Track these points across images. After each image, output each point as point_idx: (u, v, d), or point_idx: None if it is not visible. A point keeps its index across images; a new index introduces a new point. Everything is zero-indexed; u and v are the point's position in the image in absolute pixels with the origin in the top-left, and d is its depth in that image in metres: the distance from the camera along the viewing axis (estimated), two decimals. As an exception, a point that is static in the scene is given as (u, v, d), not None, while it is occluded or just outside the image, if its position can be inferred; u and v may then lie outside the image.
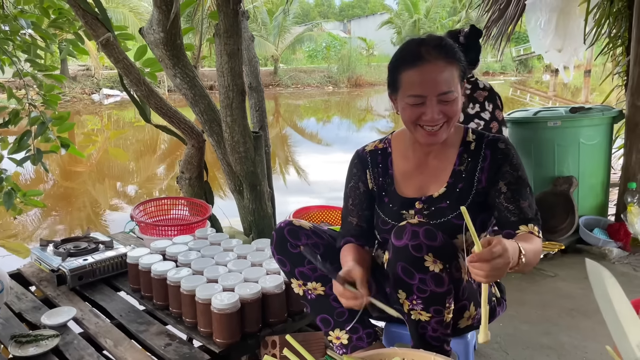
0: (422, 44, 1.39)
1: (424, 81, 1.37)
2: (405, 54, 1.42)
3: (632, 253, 2.85)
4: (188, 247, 2.20)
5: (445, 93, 1.36)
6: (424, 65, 1.36)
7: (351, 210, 1.64)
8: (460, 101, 1.42)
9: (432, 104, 1.37)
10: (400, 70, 1.41)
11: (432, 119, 1.38)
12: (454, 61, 1.38)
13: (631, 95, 2.98)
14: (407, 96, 1.40)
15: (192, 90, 2.75)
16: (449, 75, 1.37)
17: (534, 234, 1.43)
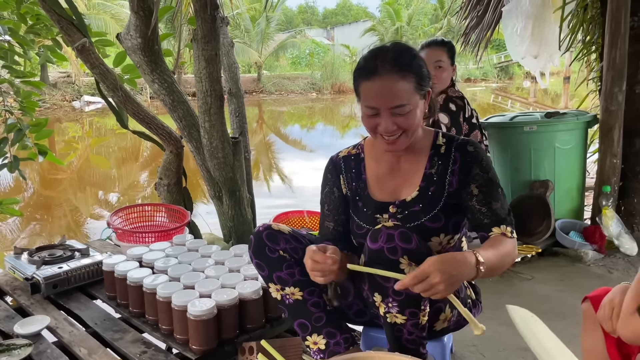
0: (379, 55, 1.41)
1: (377, 94, 1.39)
2: (363, 66, 1.44)
3: (607, 255, 2.89)
4: (165, 254, 2.19)
5: (398, 107, 1.38)
6: (378, 78, 1.39)
7: (327, 215, 1.65)
8: (418, 112, 1.44)
9: (386, 116, 1.40)
10: (358, 81, 1.45)
11: (386, 130, 1.41)
12: (408, 74, 1.39)
13: (604, 100, 3.04)
14: (365, 106, 1.43)
15: (171, 96, 2.75)
16: (403, 89, 1.38)
17: (507, 235, 1.45)
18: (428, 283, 1.21)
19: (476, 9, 4.32)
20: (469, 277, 1.28)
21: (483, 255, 1.30)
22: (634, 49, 3.06)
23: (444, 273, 1.21)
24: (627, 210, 3.11)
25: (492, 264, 1.32)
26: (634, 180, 3.08)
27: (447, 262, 1.23)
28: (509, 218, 1.49)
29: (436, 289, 1.21)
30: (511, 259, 1.45)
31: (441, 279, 1.20)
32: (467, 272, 1.26)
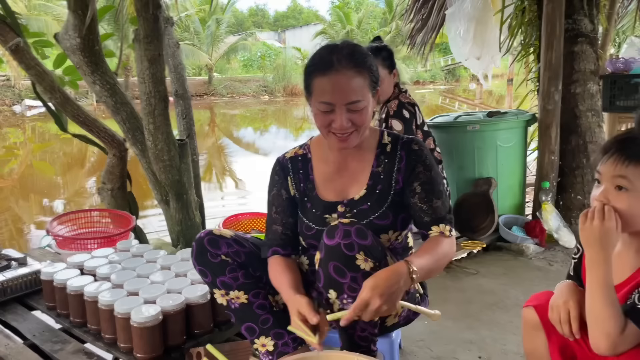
0: (334, 51, 1.41)
1: (333, 89, 1.39)
2: (318, 61, 1.44)
3: (547, 248, 3.01)
4: (108, 260, 2.11)
5: (353, 102, 1.39)
6: (334, 73, 1.38)
7: (275, 218, 1.63)
8: (370, 109, 1.45)
9: (341, 112, 1.40)
10: (312, 76, 1.44)
11: (340, 127, 1.41)
12: (364, 70, 1.41)
13: (542, 100, 3.16)
14: (318, 102, 1.42)
15: (113, 98, 2.67)
16: (358, 85, 1.39)
17: (445, 234, 1.50)
18: (371, 311, 1.24)
19: (421, 12, 4.41)
20: (406, 288, 1.31)
21: (416, 263, 1.34)
22: (568, 51, 3.21)
23: (382, 295, 1.24)
24: (565, 204, 3.25)
25: (426, 269, 1.37)
26: (571, 176, 3.22)
27: (382, 284, 1.26)
28: (448, 216, 1.53)
29: (381, 311, 1.25)
30: (448, 259, 1.50)
31: (382, 301, 1.24)
32: (403, 284, 1.30)
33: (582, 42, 3.22)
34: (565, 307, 1.20)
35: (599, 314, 1.08)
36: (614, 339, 1.05)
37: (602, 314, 1.07)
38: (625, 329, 1.05)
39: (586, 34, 3.23)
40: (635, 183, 1.10)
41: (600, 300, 1.08)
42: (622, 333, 1.05)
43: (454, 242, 1.52)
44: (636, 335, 1.05)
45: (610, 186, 1.13)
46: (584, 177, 3.20)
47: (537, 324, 1.30)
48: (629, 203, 1.11)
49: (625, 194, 1.11)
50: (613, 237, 1.11)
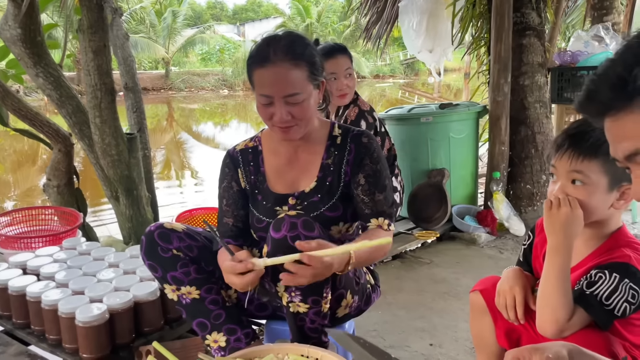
0: (272, 43, 1.40)
1: (270, 82, 1.39)
2: (256, 53, 1.42)
3: (498, 237, 3.09)
4: (53, 259, 2.04)
5: (291, 95, 1.38)
6: (271, 66, 1.38)
7: (226, 211, 1.61)
8: (312, 102, 1.44)
9: (280, 105, 1.40)
10: (252, 69, 1.43)
11: (280, 120, 1.41)
12: (301, 63, 1.39)
13: (492, 92, 3.24)
14: (259, 95, 1.42)
15: (58, 91, 2.57)
16: (296, 77, 1.38)
17: (383, 227, 1.52)
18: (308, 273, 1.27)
19: (376, 5, 4.44)
20: (337, 270, 1.36)
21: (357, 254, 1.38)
22: (517, 43, 3.29)
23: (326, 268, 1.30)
24: (515, 194, 3.34)
25: (362, 259, 1.42)
26: (521, 166, 3.31)
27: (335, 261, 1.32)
28: (389, 210, 1.56)
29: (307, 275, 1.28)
30: (383, 252, 1.54)
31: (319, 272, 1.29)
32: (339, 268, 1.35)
33: (530, 35, 3.31)
34: (511, 293, 1.23)
35: (551, 300, 1.10)
36: (562, 324, 1.08)
37: (555, 301, 1.09)
38: (574, 315, 1.08)
39: (534, 27, 3.31)
40: (590, 177, 1.14)
41: (555, 287, 1.10)
42: (570, 319, 1.08)
43: (390, 236, 1.55)
44: (582, 320, 1.09)
45: (566, 181, 1.17)
46: (533, 166, 3.29)
47: (484, 308, 1.33)
48: (585, 196, 1.14)
49: (582, 188, 1.15)
50: (578, 226, 1.14)
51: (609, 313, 1.08)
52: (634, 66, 0.69)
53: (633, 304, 1.08)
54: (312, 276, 1.28)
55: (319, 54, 1.48)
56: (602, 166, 1.12)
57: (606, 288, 1.08)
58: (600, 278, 1.09)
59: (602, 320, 1.09)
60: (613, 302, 1.07)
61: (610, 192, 1.14)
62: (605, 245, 1.18)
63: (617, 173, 1.12)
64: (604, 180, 1.13)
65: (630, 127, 0.73)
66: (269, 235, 1.39)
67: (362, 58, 27.55)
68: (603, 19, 4.56)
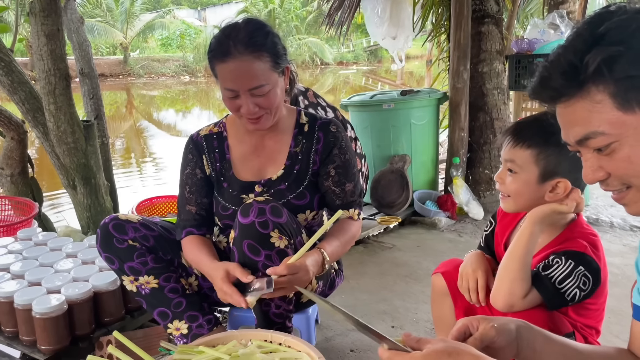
0: (231, 36, 1.37)
1: (233, 77, 1.38)
2: (216, 47, 1.41)
3: (458, 221, 3.16)
4: (7, 250, 1.99)
5: (256, 87, 1.38)
6: (232, 60, 1.36)
7: (189, 198, 1.59)
8: (278, 90, 1.43)
9: (246, 98, 1.39)
10: (213, 63, 1.41)
11: (248, 112, 1.41)
12: (263, 54, 1.38)
13: (452, 79, 3.29)
14: (224, 89, 1.41)
15: (9, 77, 2.47)
16: (259, 69, 1.37)
17: (353, 217, 1.57)
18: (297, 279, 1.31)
19: (338, -10, 4.42)
20: (316, 273, 1.40)
21: (328, 250, 1.43)
22: (476, 31, 3.34)
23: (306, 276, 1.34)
24: (474, 179, 3.42)
25: (335, 255, 1.47)
26: (479, 152, 3.39)
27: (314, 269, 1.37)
28: (358, 200, 1.60)
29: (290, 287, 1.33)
30: (354, 241, 1.59)
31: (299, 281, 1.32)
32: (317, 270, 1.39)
33: (488, 22, 3.36)
34: (474, 276, 1.27)
35: (511, 274, 1.14)
36: (516, 298, 1.12)
37: (514, 274, 1.14)
38: (529, 295, 1.13)
39: (492, 14, 3.37)
40: (521, 166, 1.19)
41: (518, 263, 1.14)
42: (524, 297, 1.13)
43: (360, 226, 1.61)
44: (534, 299, 1.13)
45: (504, 169, 1.23)
46: (491, 152, 3.37)
47: (445, 290, 1.37)
48: (514, 184, 1.21)
49: (513, 176, 1.21)
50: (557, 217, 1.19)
51: (560, 296, 1.13)
52: (584, 53, 0.72)
53: (584, 290, 1.13)
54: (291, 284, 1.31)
55: (280, 39, 1.47)
56: (534, 157, 1.17)
57: (561, 272, 1.13)
58: (556, 263, 1.14)
59: (551, 302, 1.14)
60: (565, 287, 1.12)
61: (541, 183, 1.19)
62: (562, 235, 1.22)
63: (550, 166, 1.17)
64: (534, 170, 1.18)
65: (580, 113, 0.75)
66: (237, 221, 1.38)
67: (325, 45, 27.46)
68: (559, 7, 4.67)
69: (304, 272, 1.32)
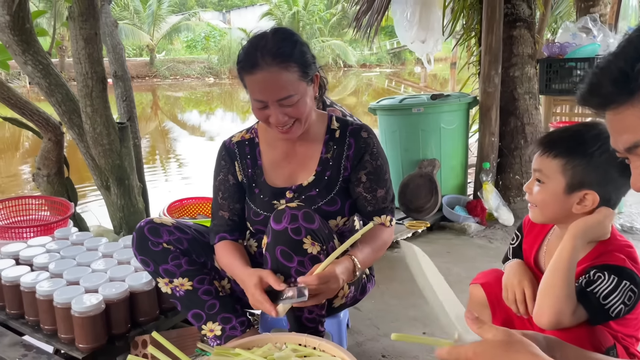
0: (259, 47, 1.38)
1: (261, 88, 1.38)
2: (244, 59, 1.42)
3: (487, 227, 3.13)
4: (46, 249, 2.03)
5: (284, 98, 1.38)
6: (260, 72, 1.37)
7: (222, 204, 1.62)
8: (308, 99, 1.44)
9: (274, 108, 1.40)
10: (242, 74, 1.43)
11: (277, 122, 1.42)
12: (291, 64, 1.38)
13: (483, 83, 3.26)
14: (252, 99, 1.42)
15: (47, 79, 2.52)
16: (287, 80, 1.37)
17: (385, 224, 1.56)
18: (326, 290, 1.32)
19: (366, -6, 4.41)
20: (347, 281, 1.39)
21: (360, 258, 1.42)
22: (507, 35, 3.31)
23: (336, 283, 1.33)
24: (505, 184, 3.38)
25: (367, 262, 1.46)
26: (510, 157, 3.35)
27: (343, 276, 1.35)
28: (390, 206, 1.59)
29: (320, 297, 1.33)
30: (386, 248, 1.58)
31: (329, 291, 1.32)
32: (347, 278, 1.39)
33: (520, 26, 3.33)
34: (520, 287, 1.24)
35: (557, 291, 1.10)
36: (563, 316, 1.08)
37: (560, 292, 1.09)
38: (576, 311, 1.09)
39: (524, 18, 3.33)
40: (549, 175, 1.17)
41: (562, 279, 1.09)
42: (573, 314, 1.08)
43: (392, 231, 1.61)
44: (580, 317, 1.10)
45: (533, 178, 1.22)
46: (522, 157, 3.33)
47: (484, 301, 1.35)
48: (541, 194, 1.19)
49: (541, 186, 1.19)
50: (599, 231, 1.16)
51: (604, 312, 1.09)
52: (636, 61, 0.71)
53: (628, 305, 1.09)
54: (323, 295, 1.32)
55: (308, 48, 1.48)
56: (561, 167, 1.15)
57: (605, 288, 1.09)
58: (599, 278, 1.11)
59: (595, 318, 1.10)
60: (610, 302, 1.09)
61: (568, 194, 1.16)
62: (597, 248, 1.19)
63: (577, 177, 1.14)
64: (561, 181, 1.16)
65: (631, 120, 0.74)
66: (270, 227, 1.39)
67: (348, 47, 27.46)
68: (590, 10, 4.60)
69: (334, 281, 1.32)
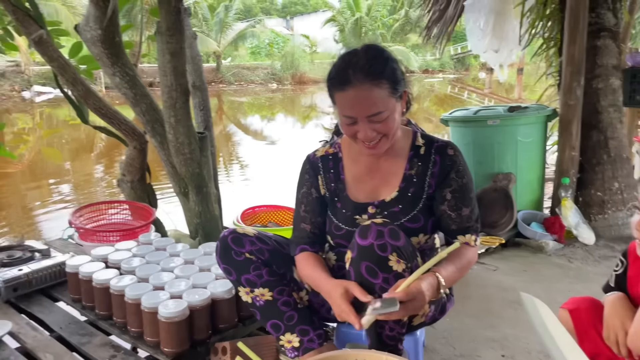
0: (351, 64, 1.39)
1: (352, 105, 1.39)
2: (335, 76, 1.43)
3: (566, 245, 3.00)
4: (132, 254, 2.12)
5: (374, 114, 1.38)
6: (351, 89, 1.37)
7: (304, 217, 1.63)
8: (396, 115, 1.43)
9: (364, 124, 1.40)
10: (332, 91, 1.44)
11: (365, 137, 1.42)
12: (382, 80, 1.38)
13: (564, 95, 3.13)
14: (342, 115, 1.43)
15: (133, 90, 2.66)
16: (378, 96, 1.37)
17: (470, 244, 1.52)
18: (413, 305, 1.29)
19: (438, 3, 4.36)
20: (431, 298, 1.36)
21: (444, 275, 1.39)
22: (591, 45, 3.16)
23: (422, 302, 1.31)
24: (585, 201, 3.23)
25: (451, 281, 1.43)
26: (591, 172, 3.20)
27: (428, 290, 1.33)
28: (475, 225, 1.55)
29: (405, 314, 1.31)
30: (470, 267, 1.54)
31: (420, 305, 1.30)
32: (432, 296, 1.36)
33: (605, 36, 3.18)
34: (623, 330, 1.20)
35: None
36: None
37: None
38: None
39: (609, 28, 3.18)
40: None
41: None
42: None
43: (477, 251, 1.57)
44: None
45: None
46: (604, 173, 3.17)
47: (571, 329, 1.30)
48: None
49: None
50: None
51: None
52: None
53: None
54: (407, 310, 1.29)
55: (398, 64, 1.47)
56: None
57: None
58: None
59: None
60: None
61: None
62: None
63: None
64: None
65: None
66: (355, 242, 1.39)
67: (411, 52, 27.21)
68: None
69: (421, 298, 1.30)
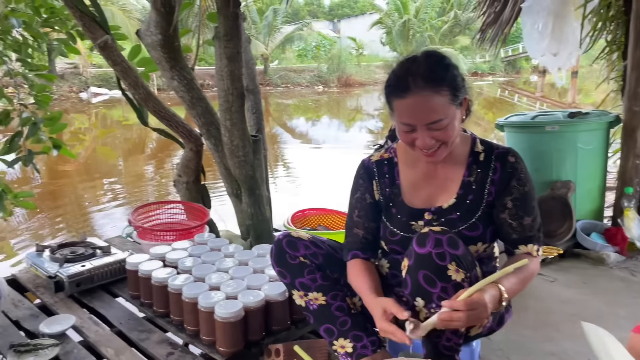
0: (410, 71, 1.37)
1: (411, 112, 1.37)
2: (393, 83, 1.41)
3: (629, 258, 2.86)
4: (188, 253, 2.18)
5: (434, 122, 1.36)
6: (411, 96, 1.35)
7: (357, 222, 1.63)
8: (456, 122, 1.40)
9: (422, 132, 1.38)
10: (391, 98, 1.42)
11: (424, 145, 1.39)
12: (443, 88, 1.35)
13: (628, 101, 2.99)
14: (400, 122, 1.41)
15: (190, 93, 2.72)
16: (438, 104, 1.35)
17: (532, 254, 1.48)
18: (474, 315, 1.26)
19: (494, 5, 4.26)
20: (493, 310, 1.33)
21: (506, 286, 1.35)
22: (658, 48, 3.02)
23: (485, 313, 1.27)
24: (649, 212, 3.07)
25: (513, 292, 1.38)
26: (656, 182, 3.04)
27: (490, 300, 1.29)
28: (537, 235, 1.50)
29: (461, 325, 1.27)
30: (532, 278, 1.49)
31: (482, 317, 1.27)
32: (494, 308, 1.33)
33: (673, 39, 3.02)
34: None
35: None
36: None
37: None
38: None
39: (677, 30, 3.02)
40: None
41: None
42: None
43: (539, 262, 1.52)
44: None
45: None
46: (671, 183, 3.01)
47: None
48: None
49: None
50: None
51: None
52: None
53: None
54: (468, 320, 1.26)
55: (459, 70, 1.44)
56: None
57: None
58: None
59: None
60: None
61: None
62: None
63: None
64: None
65: None
66: (412, 250, 1.38)
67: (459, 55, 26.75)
68: None
69: (483, 310, 1.27)
